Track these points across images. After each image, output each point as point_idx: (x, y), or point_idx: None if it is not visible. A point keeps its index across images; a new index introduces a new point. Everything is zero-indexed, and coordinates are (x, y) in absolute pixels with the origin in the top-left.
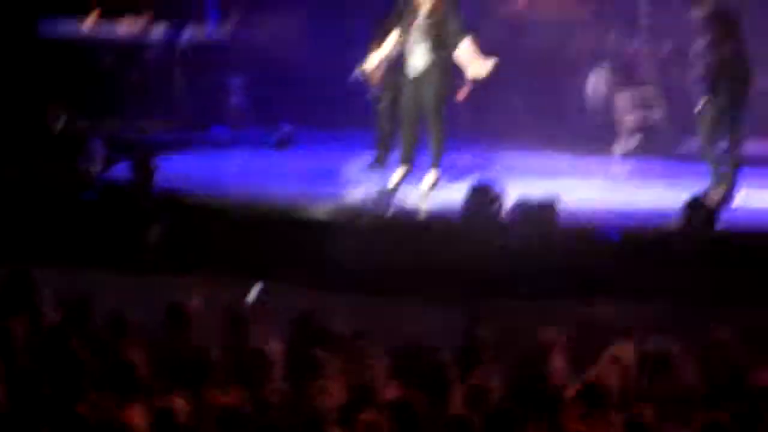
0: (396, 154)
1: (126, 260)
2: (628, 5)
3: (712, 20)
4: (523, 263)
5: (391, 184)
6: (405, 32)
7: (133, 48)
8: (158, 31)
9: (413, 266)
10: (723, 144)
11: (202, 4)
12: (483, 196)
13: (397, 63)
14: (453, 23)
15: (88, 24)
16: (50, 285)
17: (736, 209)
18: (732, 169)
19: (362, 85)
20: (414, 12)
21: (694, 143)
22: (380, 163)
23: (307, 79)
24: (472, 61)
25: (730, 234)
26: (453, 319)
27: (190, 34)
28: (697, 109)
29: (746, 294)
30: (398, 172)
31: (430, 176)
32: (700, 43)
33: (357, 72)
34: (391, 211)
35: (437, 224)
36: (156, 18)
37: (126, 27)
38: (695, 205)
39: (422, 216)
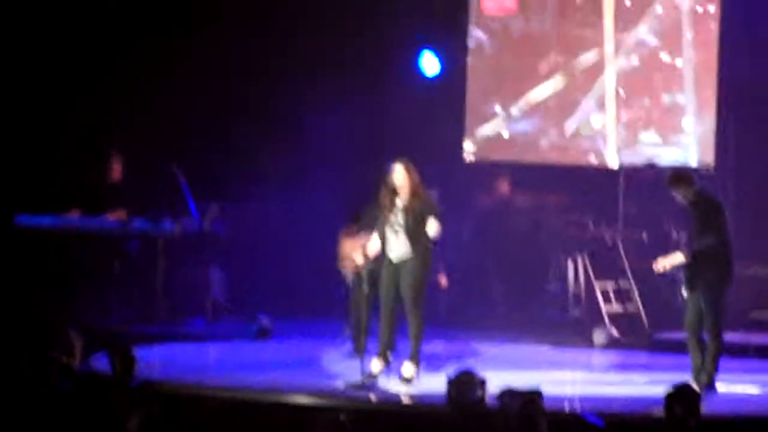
0: (374, 343)
1: None
2: (606, 195)
3: (694, 209)
4: None
5: (372, 373)
6: (383, 222)
7: (115, 240)
8: (138, 224)
9: None
10: (705, 332)
11: (180, 199)
12: (466, 383)
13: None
14: (430, 213)
15: (71, 217)
16: None
17: (718, 396)
18: (714, 357)
19: (339, 275)
20: (392, 204)
21: (672, 333)
22: (358, 351)
23: (284, 270)
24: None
25: (714, 421)
26: None
27: (169, 227)
28: (679, 297)
29: None
30: (378, 361)
31: (410, 366)
32: (684, 233)
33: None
34: (372, 399)
35: (421, 412)
36: (135, 213)
37: (107, 220)
38: (679, 393)
39: (405, 404)
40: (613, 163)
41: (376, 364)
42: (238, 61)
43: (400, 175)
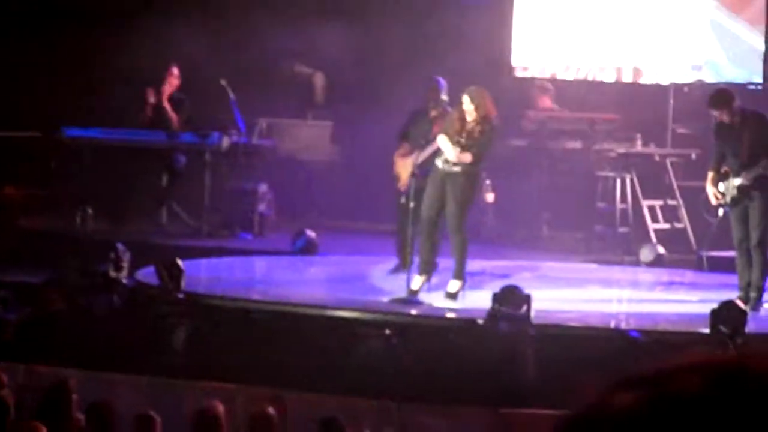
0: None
1: (152, 364)
2: (656, 113)
3: (742, 126)
4: (549, 369)
5: (412, 289)
6: (433, 138)
7: (163, 153)
8: (186, 137)
9: (438, 370)
10: (752, 247)
11: (229, 113)
12: (512, 299)
13: (422, 168)
14: (485, 136)
15: (118, 131)
16: (77, 389)
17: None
18: (762, 272)
19: (395, 190)
20: (460, 121)
21: (719, 252)
22: (404, 267)
23: (331, 186)
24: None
25: (760, 338)
26: (478, 425)
27: (217, 140)
28: (715, 216)
29: None
30: (419, 277)
31: (455, 282)
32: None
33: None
34: (415, 314)
35: (463, 328)
36: (186, 126)
37: (154, 133)
38: (724, 310)
39: (448, 318)
40: (663, 80)
41: (416, 281)
42: None
43: (466, 104)
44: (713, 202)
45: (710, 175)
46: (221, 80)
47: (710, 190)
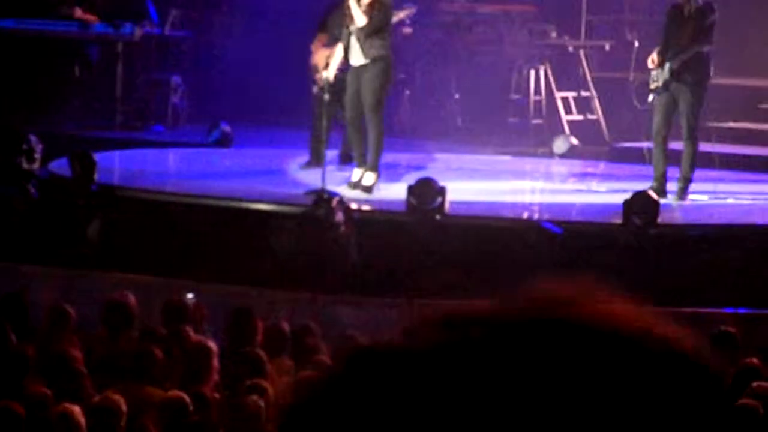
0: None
1: (65, 255)
2: (569, 4)
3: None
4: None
5: (354, 180)
6: (344, 33)
7: (75, 44)
8: (98, 28)
9: (354, 261)
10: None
11: (141, 3)
12: (426, 191)
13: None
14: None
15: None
16: None
17: (678, 206)
18: (691, 161)
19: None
20: (350, 10)
21: (631, 143)
22: (316, 162)
23: (245, 79)
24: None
25: (672, 228)
26: (393, 317)
27: (129, 31)
28: (645, 104)
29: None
30: (359, 170)
31: (370, 175)
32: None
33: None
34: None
35: (381, 218)
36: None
37: (66, 24)
38: (637, 201)
39: (365, 210)
40: None
41: (356, 173)
42: None
43: None
44: (650, 65)
45: (656, 50)
46: None
47: (651, 58)
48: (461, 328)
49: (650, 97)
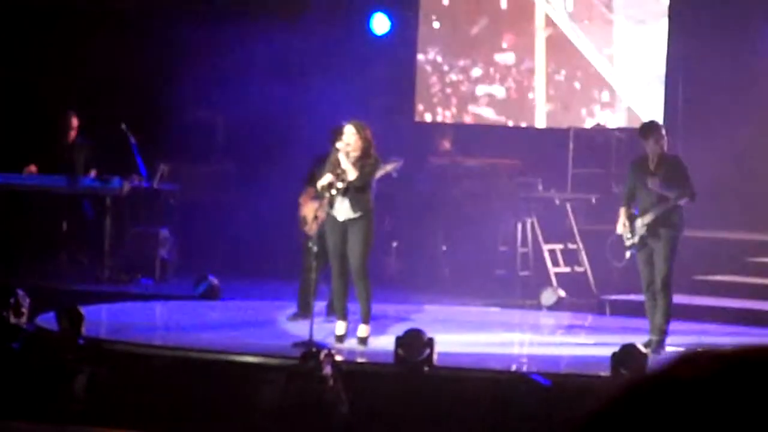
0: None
1: (51, 411)
2: (555, 157)
3: (661, 163)
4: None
5: (338, 334)
6: (328, 187)
7: (62, 199)
8: (87, 182)
9: (344, 415)
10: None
11: (130, 158)
12: (414, 342)
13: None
14: (369, 167)
15: (18, 176)
16: None
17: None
18: (666, 312)
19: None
20: (339, 164)
21: (619, 295)
22: (304, 312)
23: (232, 232)
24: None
25: None
26: None
27: (118, 185)
28: (622, 261)
29: None
30: (342, 323)
31: (364, 327)
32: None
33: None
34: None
35: (369, 372)
36: (87, 171)
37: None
38: (625, 353)
39: (358, 362)
40: (562, 125)
41: (340, 326)
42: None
43: (349, 134)
44: (620, 231)
45: (622, 210)
46: (122, 124)
47: (623, 219)
48: (723, 363)
49: (627, 254)
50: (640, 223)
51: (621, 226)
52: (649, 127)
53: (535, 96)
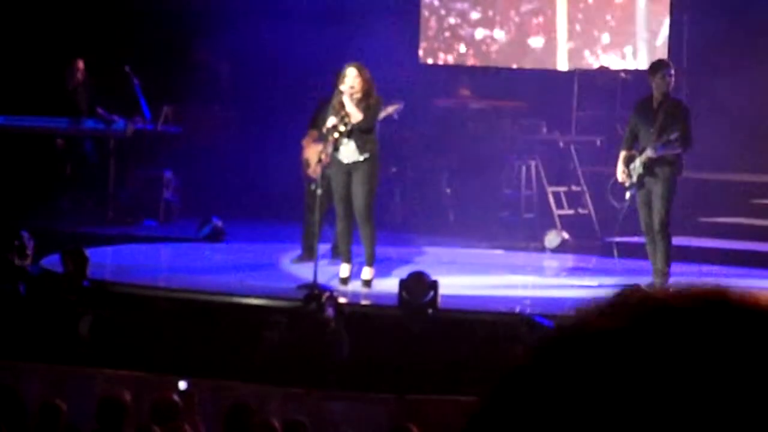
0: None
1: (56, 352)
2: (560, 99)
3: (664, 104)
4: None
5: (342, 276)
6: (332, 129)
7: (66, 140)
8: (90, 124)
9: (345, 357)
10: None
11: (134, 99)
12: (418, 285)
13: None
14: (372, 109)
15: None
16: None
17: None
18: (665, 254)
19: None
20: (342, 106)
21: (622, 237)
22: (308, 256)
23: (236, 174)
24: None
25: None
26: (384, 413)
27: (121, 127)
28: (623, 202)
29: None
30: (346, 265)
31: (368, 270)
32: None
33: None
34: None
35: (372, 314)
36: (91, 113)
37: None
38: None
39: (362, 305)
40: (566, 67)
41: (344, 269)
42: None
43: (351, 77)
44: (621, 179)
45: (622, 153)
46: (125, 66)
47: (621, 167)
48: (639, 312)
49: (627, 195)
50: (638, 162)
51: (620, 174)
52: (659, 64)
53: (552, 37)
